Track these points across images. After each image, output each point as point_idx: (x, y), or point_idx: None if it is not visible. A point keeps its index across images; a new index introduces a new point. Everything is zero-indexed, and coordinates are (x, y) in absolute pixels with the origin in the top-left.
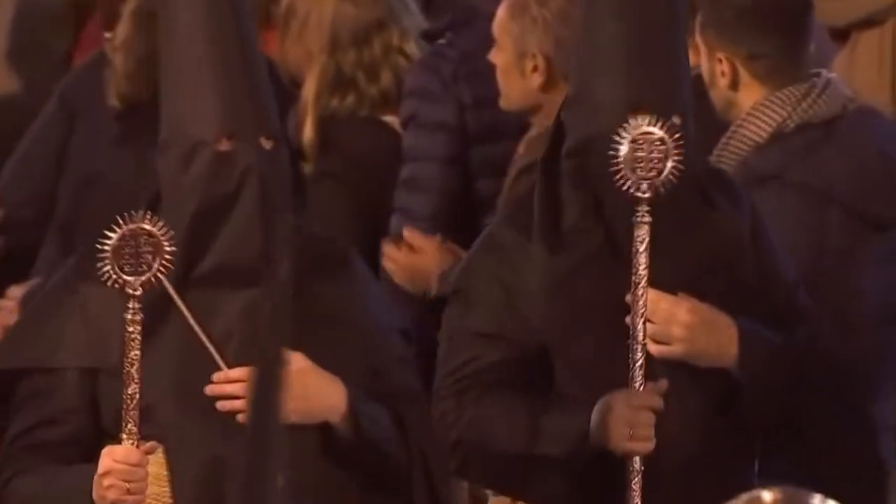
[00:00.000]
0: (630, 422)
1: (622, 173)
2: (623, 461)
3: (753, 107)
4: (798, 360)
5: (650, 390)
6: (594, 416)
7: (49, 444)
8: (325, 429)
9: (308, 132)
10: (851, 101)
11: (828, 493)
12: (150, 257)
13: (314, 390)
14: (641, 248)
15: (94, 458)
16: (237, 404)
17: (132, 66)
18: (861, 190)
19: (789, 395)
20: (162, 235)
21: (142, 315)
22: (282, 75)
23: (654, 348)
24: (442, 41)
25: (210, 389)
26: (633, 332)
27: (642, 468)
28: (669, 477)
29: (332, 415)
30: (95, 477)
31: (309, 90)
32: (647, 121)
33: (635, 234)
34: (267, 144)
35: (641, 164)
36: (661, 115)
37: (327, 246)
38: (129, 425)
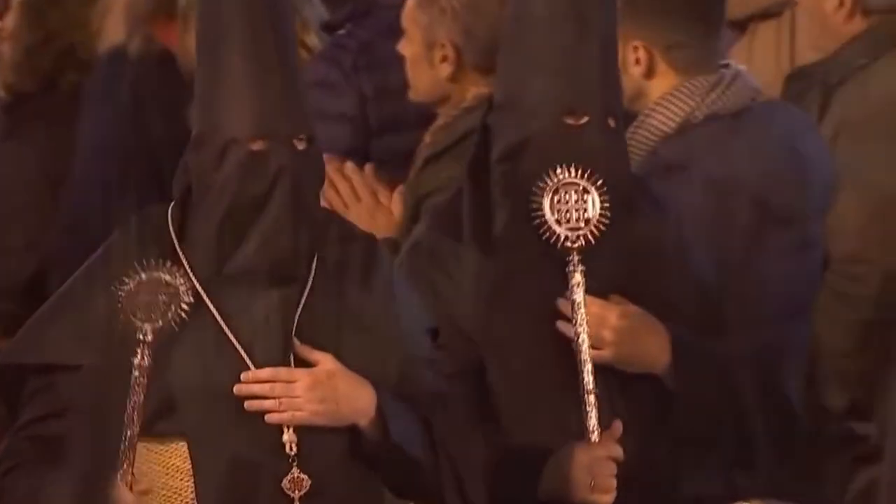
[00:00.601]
0: (592, 472)
1: (547, 227)
2: None
3: (661, 96)
4: (728, 368)
5: (608, 439)
6: (554, 466)
7: (55, 438)
8: (353, 432)
9: None
10: (759, 93)
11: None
12: (165, 307)
13: (343, 393)
14: (579, 298)
15: None
16: (265, 404)
17: (20, 56)
18: (767, 182)
19: (719, 402)
20: (180, 286)
21: (149, 361)
22: (182, 68)
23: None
24: (342, 32)
25: (237, 389)
26: (582, 380)
27: None
28: None
29: (361, 418)
30: None
31: None
32: (569, 172)
33: (571, 283)
34: (300, 145)
35: (567, 216)
36: (597, 118)
37: (359, 243)
38: (125, 466)
